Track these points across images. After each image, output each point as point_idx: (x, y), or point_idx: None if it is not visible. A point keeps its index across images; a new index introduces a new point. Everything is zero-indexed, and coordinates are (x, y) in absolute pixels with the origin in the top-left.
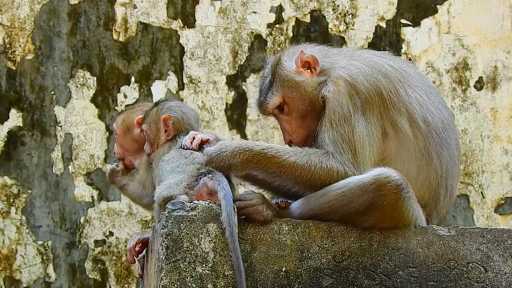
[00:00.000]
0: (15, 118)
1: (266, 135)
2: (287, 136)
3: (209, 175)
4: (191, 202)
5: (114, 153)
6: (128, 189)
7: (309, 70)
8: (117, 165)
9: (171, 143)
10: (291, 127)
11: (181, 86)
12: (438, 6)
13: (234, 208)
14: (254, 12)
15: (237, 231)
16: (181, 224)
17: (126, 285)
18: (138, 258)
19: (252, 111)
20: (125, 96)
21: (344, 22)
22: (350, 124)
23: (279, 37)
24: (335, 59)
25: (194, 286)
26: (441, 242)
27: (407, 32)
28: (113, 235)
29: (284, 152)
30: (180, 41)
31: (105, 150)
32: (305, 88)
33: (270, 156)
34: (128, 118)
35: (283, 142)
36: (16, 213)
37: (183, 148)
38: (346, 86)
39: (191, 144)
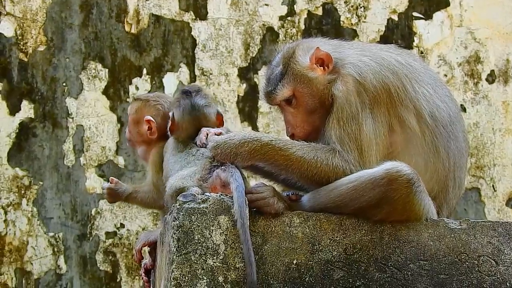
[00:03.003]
0: (26, 110)
1: (277, 128)
2: (290, 129)
3: (222, 167)
4: (203, 193)
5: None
6: (139, 197)
7: (321, 67)
8: (110, 182)
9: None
10: (295, 121)
11: (193, 78)
12: None
13: (245, 201)
14: (266, 5)
15: (248, 223)
16: (192, 216)
17: (137, 277)
18: (143, 270)
19: (263, 104)
20: (137, 88)
21: (356, 15)
22: (357, 122)
23: (291, 29)
24: (345, 55)
25: (205, 278)
26: (452, 235)
27: (419, 25)
28: (124, 227)
29: (292, 146)
30: (192, 33)
31: (116, 142)
32: (317, 86)
33: (278, 148)
34: (141, 111)
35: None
36: (27, 205)
37: (201, 146)
38: (354, 84)
39: (202, 139)
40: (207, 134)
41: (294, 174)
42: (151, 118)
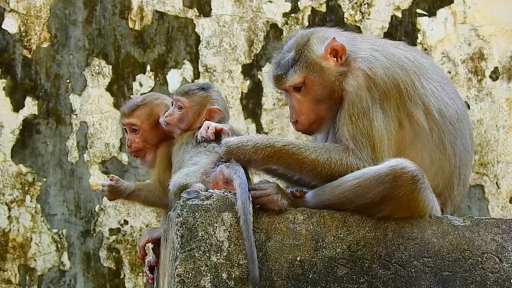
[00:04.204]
0: (30, 106)
1: (281, 125)
2: (295, 115)
3: (226, 163)
4: (206, 190)
5: (129, 147)
6: (142, 195)
7: (335, 58)
8: (110, 179)
9: (196, 132)
10: (301, 108)
11: (196, 75)
12: None
13: (249, 197)
14: (270, 1)
15: (251, 220)
16: (196, 213)
17: (140, 274)
18: (147, 268)
19: (267, 100)
20: (141, 85)
21: (360, 11)
22: (368, 118)
23: (294, 26)
24: (358, 48)
25: (209, 275)
26: (456, 232)
27: (423, 22)
28: (127, 224)
29: (305, 149)
30: (196, 30)
31: (120, 139)
32: (328, 76)
33: (291, 153)
34: (154, 113)
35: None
36: (31, 201)
37: (199, 142)
38: (365, 79)
39: (206, 133)
40: (208, 127)
41: (308, 175)
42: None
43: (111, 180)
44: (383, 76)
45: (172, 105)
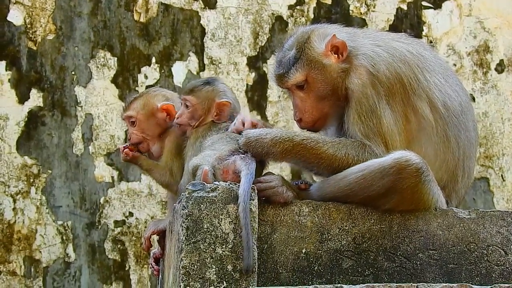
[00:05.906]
0: (35, 98)
1: (286, 117)
2: (299, 113)
3: (242, 155)
4: (213, 173)
5: (129, 139)
6: (153, 176)
7: (336, 55)
8: (130, 150)
9: (211, 126)
10: (304, 106)
11: (201, 67)
12: None
13: (254, 188)
14: None
15: (249, 208)
16: (201, 205)
17: (145, 266)
18: (152, 260)
19: (272, 93)
20: (146, 77)
21: (365, 4)
22: (377, 115)
23: (300, 18)
24: (359, 44)
25: (214, 267)
26: (462, 224)
27: (428, 15)
28: (133, 216)
29: (323, 143)
30: (201, 22)
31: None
32: (330, 73)
33: (309, 148)
34: (150, 103)
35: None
36: (36, 193)
37: (230, 131)
38: (368, 76)
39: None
40: (244, 123)
41: (326, 170)
42: (168, 103)
43: (131, 151)
44: (386, 72)
45: (181, 105)
